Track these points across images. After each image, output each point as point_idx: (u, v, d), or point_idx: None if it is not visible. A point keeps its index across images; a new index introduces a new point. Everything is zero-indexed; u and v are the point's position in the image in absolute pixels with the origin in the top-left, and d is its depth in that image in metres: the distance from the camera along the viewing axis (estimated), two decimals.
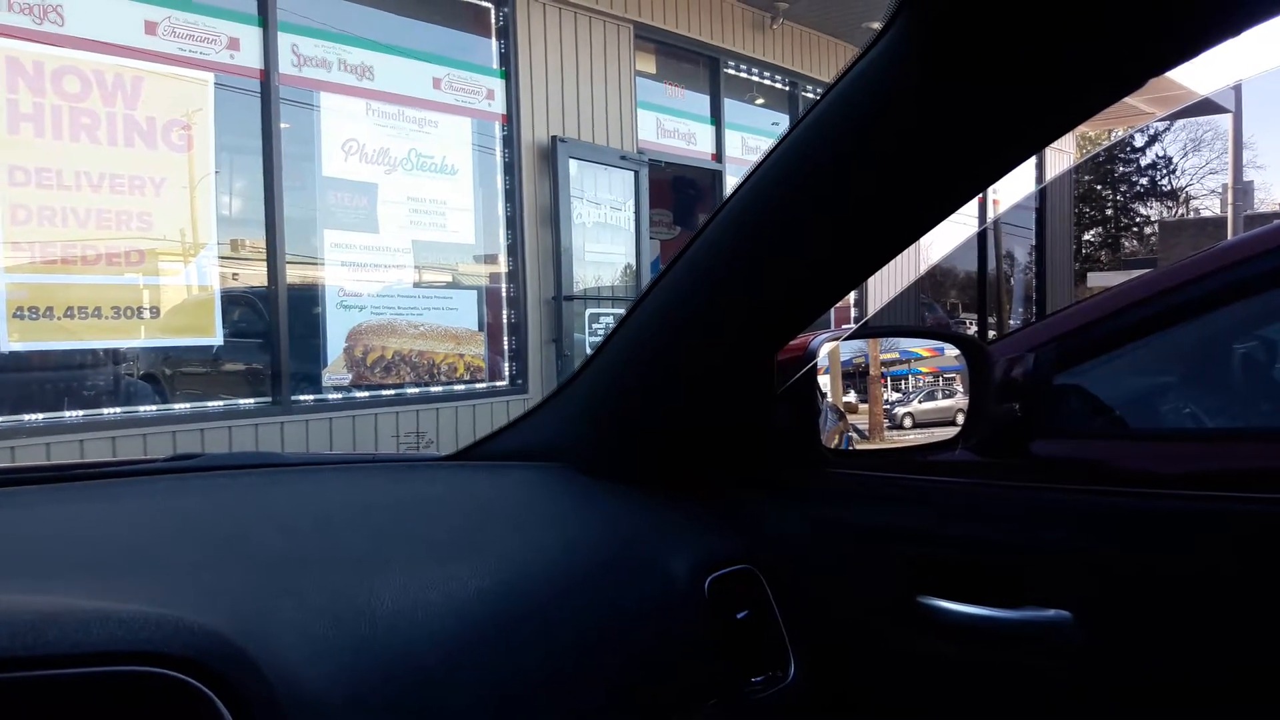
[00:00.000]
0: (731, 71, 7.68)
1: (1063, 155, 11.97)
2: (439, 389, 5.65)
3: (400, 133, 5.46)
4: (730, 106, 7.67)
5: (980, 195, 0.81)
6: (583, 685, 0.73)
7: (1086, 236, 22.22)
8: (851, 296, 8.71)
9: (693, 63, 7.44)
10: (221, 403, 4.78)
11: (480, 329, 5.90)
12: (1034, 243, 11.74)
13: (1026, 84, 0.68)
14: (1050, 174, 11.67)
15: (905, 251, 0.87)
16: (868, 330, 1.19)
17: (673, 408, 0.96)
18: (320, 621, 0.64)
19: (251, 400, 4.88)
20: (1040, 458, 1.26)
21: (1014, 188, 10.78)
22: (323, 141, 5.14)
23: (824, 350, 1.08)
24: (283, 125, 4.92)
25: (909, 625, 0.96)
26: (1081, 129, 14.38)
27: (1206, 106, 11.94)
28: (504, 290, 6.02)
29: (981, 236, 10.84)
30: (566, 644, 0.74)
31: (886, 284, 8.51)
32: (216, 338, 4.74)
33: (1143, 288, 1.51)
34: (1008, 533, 0.95)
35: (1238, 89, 12.31)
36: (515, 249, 5.99)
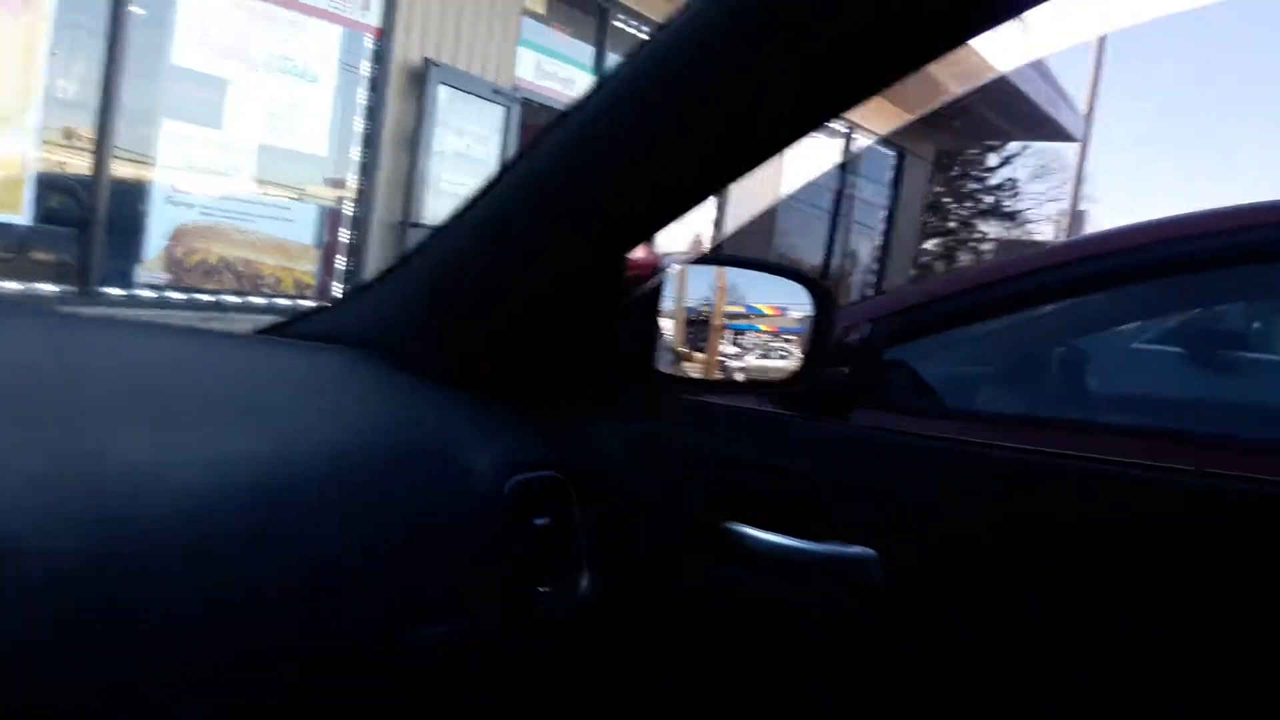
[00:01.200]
0: (620, 24, 7.59)
1: (919, 163, 12.43)
2: (261, 301, 5.38)
3: (263, 30, 5.14)
4: (614, 60, 7.58)
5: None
6: (353, 573, 0.69)
7: (927, 245, 23.22)
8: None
9: (583, 9, 7.31)
10: (20, 285, 4.42)
11: (317, 245, 5.66)
12: (881, 243, 12.18)
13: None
14: (904, 183, 12.11)
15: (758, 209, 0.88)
16: (720, 257, 1.18)
17: (507, 308, 0.93)
18: (46, 472, 0.57)
19: (55, 287, 4.54)
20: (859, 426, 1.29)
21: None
22: (176, 27, 4.79)
23: (673, 271, 1.07)
24: (133, 9, 4.56)
25: (713, 550, 0.96)
26: (941, 145, 15.00)
27: (1057, 133, 12.64)
28: (349, 209, 5.79)
29: (833, 228, 11.18)
30: (340, 529, 0.70)
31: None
32: (24, 218, 4.38)
33: (978, 276, 1.56)
34: (824, 468, 0.96)
35: (1089, 118, 13.08)
36: (368, 168, 5.75)
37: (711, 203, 8.98)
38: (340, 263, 5.76)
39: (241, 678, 0.61)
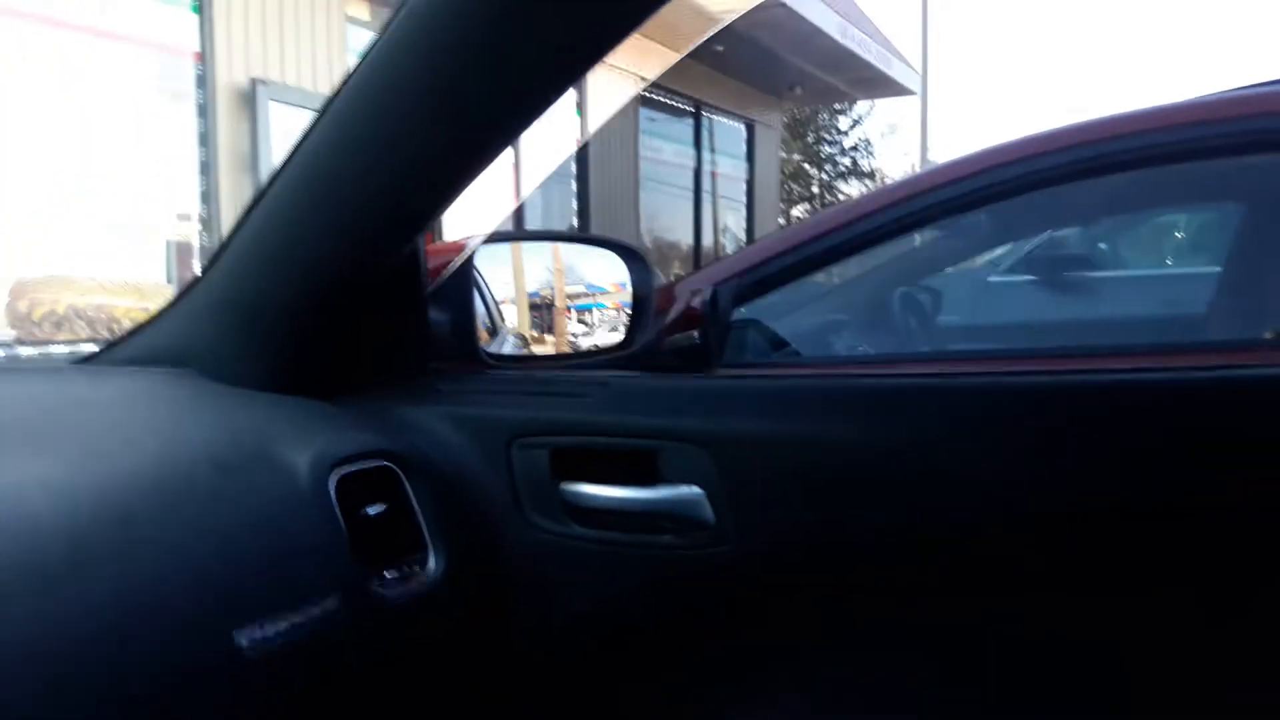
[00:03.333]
0: None
1: (769, 132, 12.68)
2: None
3: (79, 66, 4.89)
4: None
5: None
6: (173, 589, 0.68)
7: (795, 212, 23.79)
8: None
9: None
10: None
11: (169, 281, 5.43)
12: (745, 214, 12.40)
13: None
14: (758, 149, 12.34)
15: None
16: (521, 234, 1.19)
17: (303, 307, 0.93)
18: None
19: None
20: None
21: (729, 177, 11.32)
22: None
23: (478, 252, 1.07)
24: None
25: (551, 512, 0.97)
26: (793, 108, 15.37)
27: (896, 89, 13.06)
28: (196, 240, 5.57)
29: (697, 208, 11.34)
30: (160, 541, 0.69)
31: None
32: None
33: (816, 226, 1.58)
34: (650, 418, 0.99)
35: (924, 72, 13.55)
36: (209, 196, 5.55)
37: (567, 194, 9.00)
38: None
39: (73, 703, 0.60)
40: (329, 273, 0.90)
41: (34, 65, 4.73)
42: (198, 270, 5.53)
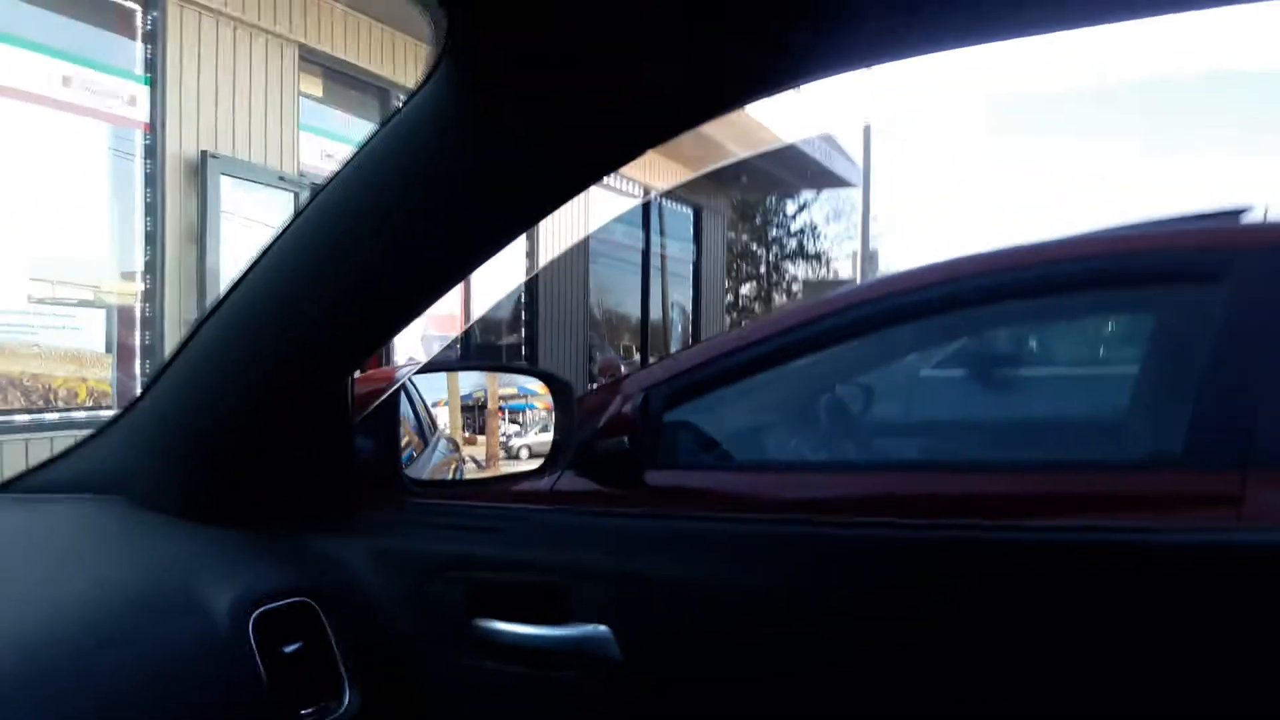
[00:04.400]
0: (400, 103, 7.56)
1: (716, 216, 12.90)
2: (55, 416, 5.01)
3: (21, 132, 4.85)
4: None
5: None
6: None
7: (744, 289, 24.08)
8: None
9: (361, 90, 7.25)
10: None
11: (108, 351, 5.33)
12: (691, 292, 12.56)
13: (568, 125, 0.73)
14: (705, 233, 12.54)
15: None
16: (452, 364, 1.21)
17: (235, 439, 0.93)
18: None
19: None
20: (652, 487, 1.32)
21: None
22: None
23: (407, 381, 1.09)
24: None
25: (466, 647, 0.98)
26: (739, 195, 15.71)
27: (837, 181, 13.40)
28: (139, 310, 5.48)
29: (645, 285, 11.47)
30: (68, 690, 0.68)
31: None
32: None
33: (746, 335, 1.63)
34: (562, 554, 1.00)
35: (866, 131, 13.93)
36: (154, 266, 5.48)
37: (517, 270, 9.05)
38: (137, 366, 5.44)
39: None
40: (262, 405, 0.91)
41: (6, 134, 4.69)
42: (137, 341, 5.46)
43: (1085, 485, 1.13)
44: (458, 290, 0.93)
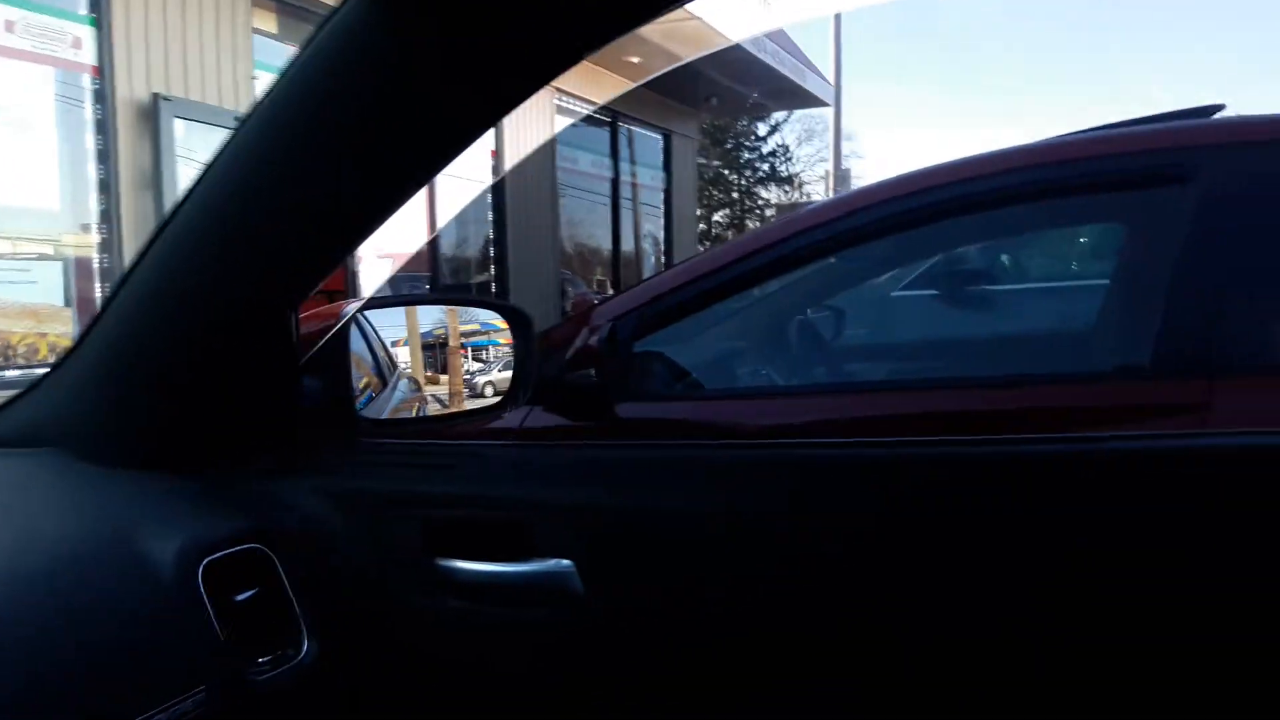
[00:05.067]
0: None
1: (687, 142, 12.75)
2: (15, 373, 4.92)
3: None
4: None
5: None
6: (40, 696, 0.66)
7: (716, 217, 23.92)
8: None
9: (315, 23, 7.04)
10: None
11: (67, 304, 5.23)
12: (663, 221, 12.47)
13: (489, 37, 0.69)
14: (675, 159, 12.41)
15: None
16: (402, 298, 1.18)
17: (174, 381, 0.90)
18: None
19: None
20: (623, 419, 1.31)
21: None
22: None
23: (363, 316, 1.05)
24: None
25: (427, 588, 0.97)
26: (710, 118, 15.51)
27: (810, 100, 13.24)
28: (96, 260, 5.38)
29: (615, 216, 11.37)
30: (22, 650, 0.67)
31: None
32: None
33: (712, 259, 1.60)
34: (522, 489, 0.98)
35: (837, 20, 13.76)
36: (109, 215, 5.36)
37: (483, 204, 8.93)
38: None
39: None
40: (202, 345, 0.88)
41: None
42: (97, 293, 5.36)
43: (1055, 398, 1.12)
44: (424, 229, 0.90)
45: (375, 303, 1.10)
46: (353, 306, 1.05)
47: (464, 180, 7.63)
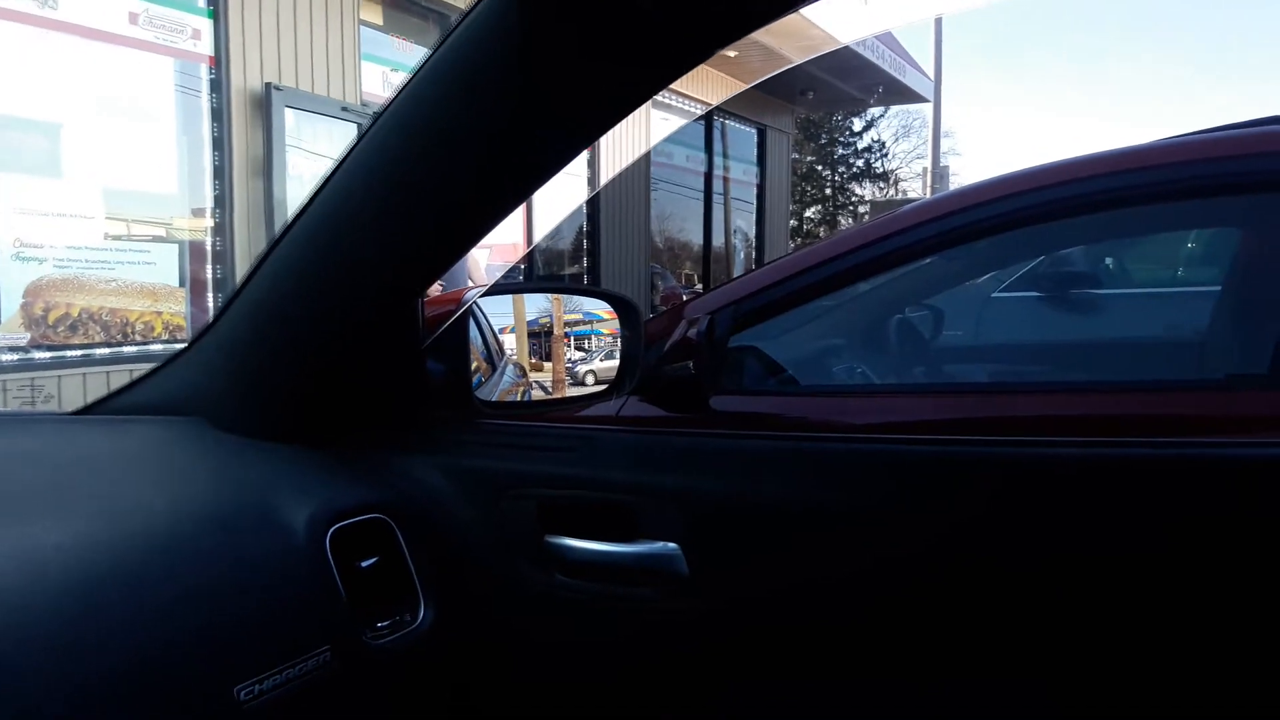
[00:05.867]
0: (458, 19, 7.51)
1: (781, 137, 12.65)
2: (133, 349, 5.18)
3: (90, 70, 4.92)
4: None
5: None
6: (181, 651, 0.71)
7: (808, 213, 23.68)
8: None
9: (421, 17, 7.21)
10: None
11: (181, 285, 5.47)
12: (755, 217, 12.40)
13: (622, 34, 0.71)
14: (769, 153, 12.32)
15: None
16: (518, 285, 1.21)
17: (309, 359, 0.95)
18: None
19: None
20: (717, 412, 1.32)
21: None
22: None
23: (476, 304, 1.09)
24: None
25: (537, 563, 1.00)
26: (802, 112, 15.37)
27: (909, 96, 13.02)
28: (209, 244, 5.61)
29: (707, 211, 11.35)
30: (156, 604, 0.72)
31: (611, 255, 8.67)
32: None
33: (810, 256, 1.60)
34: (629, 474, 1.02)
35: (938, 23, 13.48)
36: (223, 200, 5.58)
37: (571, 207, 9.00)
38: (210, 299, 5.59)
39: None
40: (337, 325, 0.93)
41: (50, 70, 4.77)
42: (209, 274, 5.58)
43: (1166, 406, 1.10)
44: (519, 221, 0.93)
45: (495, 290, 1.14)
46: (474, 293, 1.09)
47: (563, 173, 7.71)
